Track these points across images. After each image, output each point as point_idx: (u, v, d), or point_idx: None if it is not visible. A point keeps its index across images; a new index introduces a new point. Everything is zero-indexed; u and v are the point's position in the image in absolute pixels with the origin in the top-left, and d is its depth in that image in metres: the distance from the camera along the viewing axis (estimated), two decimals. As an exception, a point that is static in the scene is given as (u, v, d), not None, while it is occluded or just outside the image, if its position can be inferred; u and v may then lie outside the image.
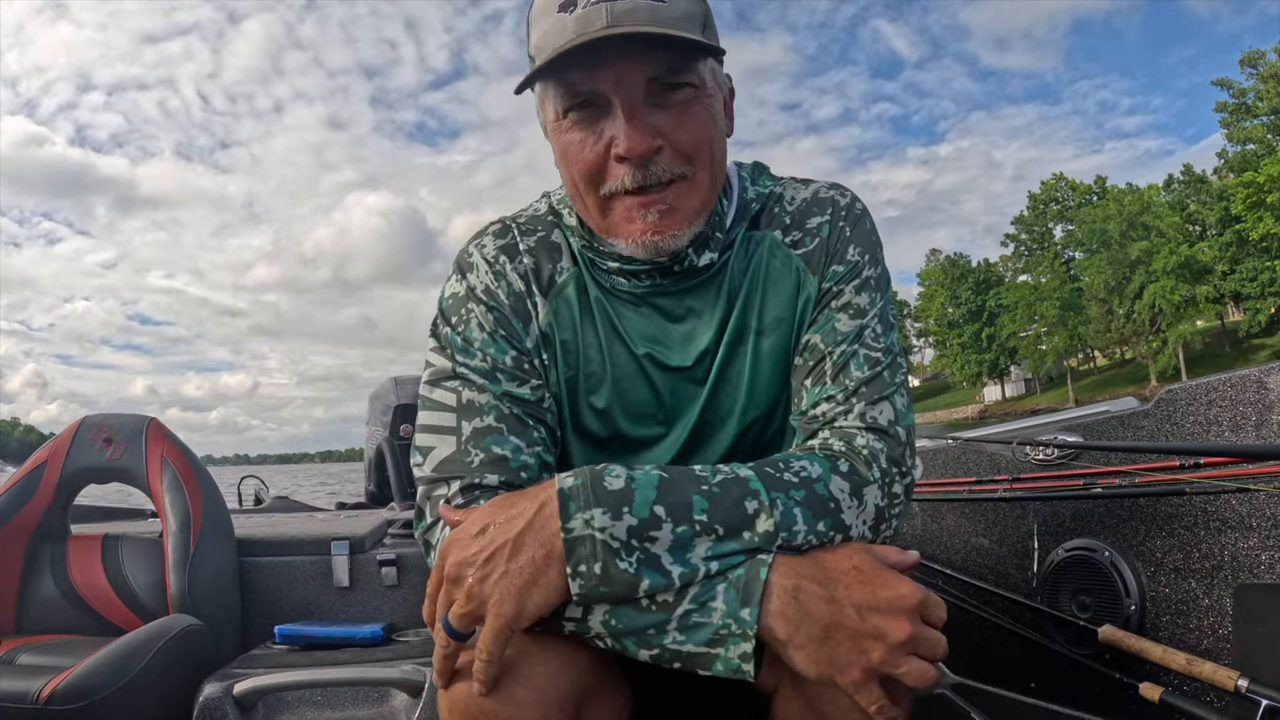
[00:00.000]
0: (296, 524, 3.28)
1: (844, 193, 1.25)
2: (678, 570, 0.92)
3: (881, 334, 1.15)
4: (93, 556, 2.57)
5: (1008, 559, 2.26)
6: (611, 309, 1.21)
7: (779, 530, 0.94)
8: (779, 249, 1.22)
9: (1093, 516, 2.00)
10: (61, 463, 2.61)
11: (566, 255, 1.23)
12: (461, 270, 1.23)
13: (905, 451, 1.09)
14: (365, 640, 2.41)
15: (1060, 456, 2.11)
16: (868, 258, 1.20)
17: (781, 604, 0.91)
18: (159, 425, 2.73)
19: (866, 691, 0.90)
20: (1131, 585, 1.85)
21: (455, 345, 1.16)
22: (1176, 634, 1.75)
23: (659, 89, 1.06)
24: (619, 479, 0.94)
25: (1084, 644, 1.87)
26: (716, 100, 1.13)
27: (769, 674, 1.01)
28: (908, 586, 0.92)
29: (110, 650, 2.01)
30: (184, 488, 2.60)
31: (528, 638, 0.98)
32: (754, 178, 1.28)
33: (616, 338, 1.21)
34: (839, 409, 1.09)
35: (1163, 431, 1.86)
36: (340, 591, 2.76)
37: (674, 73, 1.06)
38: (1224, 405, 1.72)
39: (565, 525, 0.91)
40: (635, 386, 1.21)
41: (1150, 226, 58.70)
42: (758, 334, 1.20)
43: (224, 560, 2.61)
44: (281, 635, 2.44)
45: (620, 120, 1.05)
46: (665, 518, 0.92)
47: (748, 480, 0.96)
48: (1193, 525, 1.75)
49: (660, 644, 0.93)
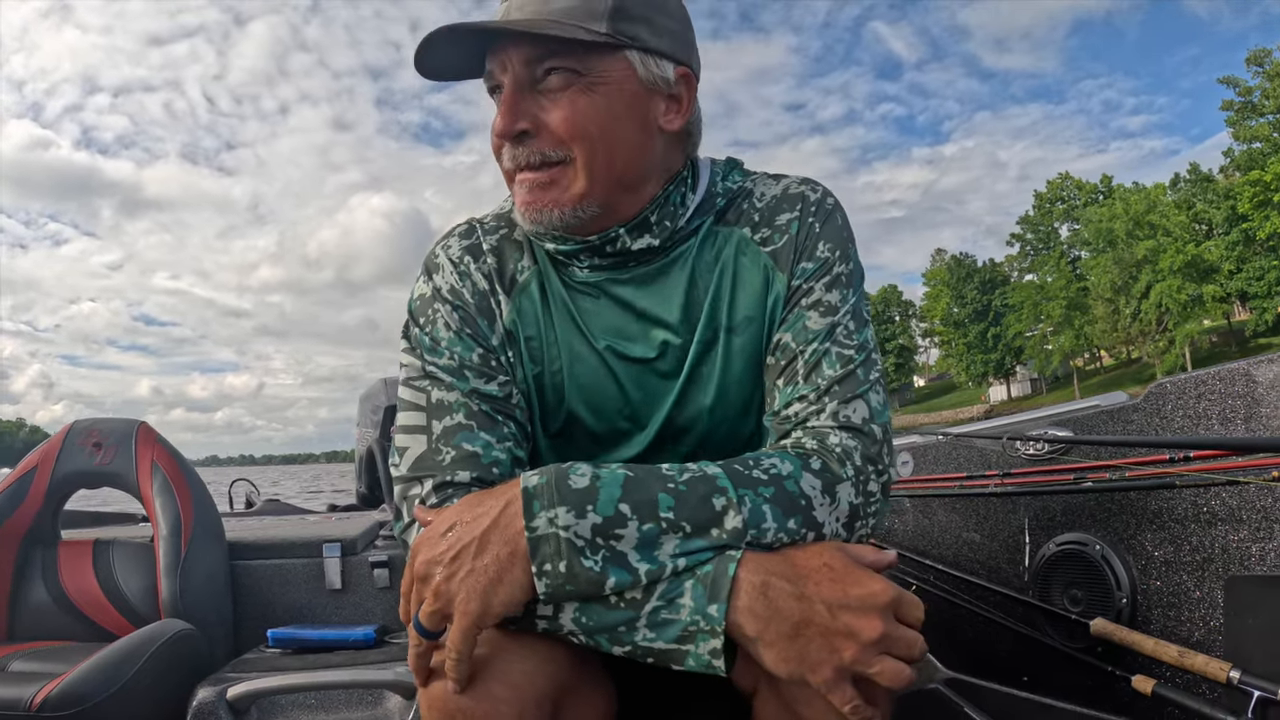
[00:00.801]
0: (288, 527, 3.28)
1: (815, 188, 1.25)
2: (644, 567, 0.92)
3: (854, 331, 1.15)
4: (84, 562, 2.56)
5: (999, 554, 2.27)
6: (573, 304, 1.22)
7: (748, 527, 0.94)
8: (748, 245, 1.22)
9: (1083, 510, 2.01)
10: (51, 468, 2.60)
11: (529, 253, 1.25)
12: (429, 271, 1.25)
13: (882, 449, 1.08)
14: (358, 642, 2.40)
15: (1051, 451, 2.11)
16: (838, 254, 1.20)
17: (750, 600, 0.91)
18: (149, 429, 2.72)
19: (839, 691, 0.90)
20: (1123, 578, 1.86)
21: (424, 345, 1.18)
22: (1168, 626, 1.76)
23: (540, 74, 1.11)
24: (584, 477, 0.94)
25: (1076, 637, 1.87)
26: (620, 90, 1.13)
27: (748, 673, 1.01)
28: (880, 584, 0.91)
29: (103, 656, 2.00)
30: (174, 491, 2.60)
31: (505, 635, 0.98)
32: (725, 173, 1.28)
33: (577, 331, 1.22)
34: (811, 408, 1.09)
35: (1152, 425, 1.87)
36: (332, 594, 2.75)
37: (550, 57, 1.10)
38: (1213, 399, 1.73)
39: (529, 524, 0.92)
40: (599, 381, 1.21)
41: (1156, 225, 58.50)
42: (729, 332, 1.20)
43: (216, 564, 2.60)
44: (274, 638, 2.44)
45: (502, 102, 1.13)
46: (631, 515, 0.92)
47: (715, 477, 0.96)
48: (1183, 518, 1.76)
49: (631, 640, 0.94)
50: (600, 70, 1.11)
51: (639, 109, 1.15)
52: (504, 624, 0.98)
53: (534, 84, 1.11)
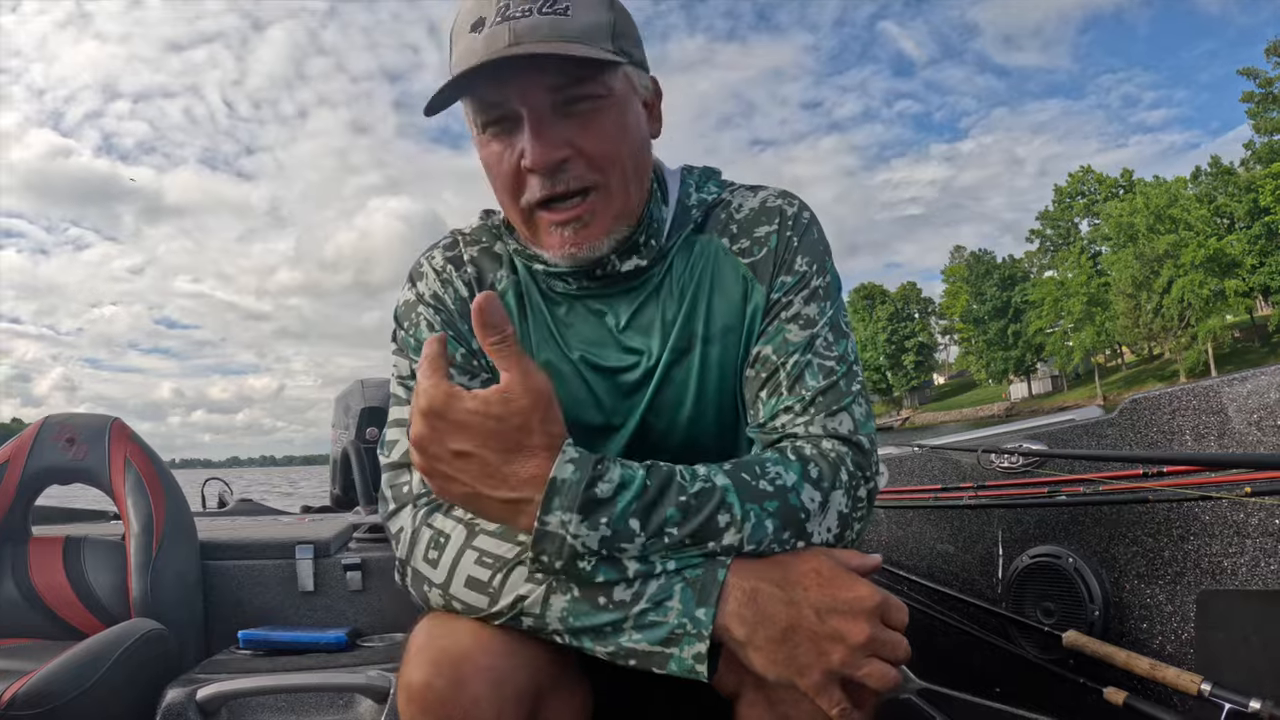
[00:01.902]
0: (260, 527, 3.25)
1: (791, 201, 1.26)
2: (634, 567, 0.94)
3: (834, 342, 1.17)
4: (54, 559, 2.53)
5: (973, 565, 2.29)
6: (549, 314, 1.25)
7: (745, 543, 0.96)
8: (726, 255, 1.24)
9: (1057, 524, 2.03)
10: (23, 462, 2.57)
11: (507, 264, 1.27)
12: (412, 279, 1.29)
13: (870, 457, 1.10)
14: (330, 645, 2.39)
15: (1025, 464, 2.13)
16: (815, 267, 1.21)
17: (738, 605, 0.92)
18: (122, 426, 2.69)
19: (827, 694, 0.91)
20: (1095, 591, 1.88)
21: (409, 346, 1.23)
22: (1140, 639, 1.78)
23: (564, 100, 1.08)
24: (610, 484, 0.93)
25: (1049, 649, 1.89)
26: (631, 106, 1.15)
27: (731, 677, 1.02)
28: (867, 589, 0.93)
29: (72, 654, 1.98)
30: (147, 489, 2.57)
31: (486, 630, 0.99)
32: (700, 184, 1.30)
33: (552, 341, 1.24)
34: (799, 419, 1.11)
35: (1127, 440, 1.89)
36: (304, 596, 2.73)
37: (578, 84, 1.08)
38: (1187, 414, 1.75)
39: (543, 516, 0.91)
40: (573, 391, 1.23)
41: (1178, 220, 58.00)
42: (705, 342, 1.21)
43: (187, 563, 2.58)
44: (245, 640, 2.42)
45: (528, 133, 1.08)
46: (639, 531, 0.93)
47: (724, 491, 0.97)
48: (1156, 532, 1.77)
49: (616, 641, 0.94)
50: (615, 89, 1.12)
51: (638, 123, 1.17)
52: (486, 619, 0.99)
53: (559, 110, 1.09)
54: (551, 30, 1.05)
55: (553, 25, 1.05)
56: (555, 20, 1.06)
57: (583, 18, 1.08)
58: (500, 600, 0.98)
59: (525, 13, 1.05)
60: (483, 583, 0.99)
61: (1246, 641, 1.49)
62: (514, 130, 1.10)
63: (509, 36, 1.05)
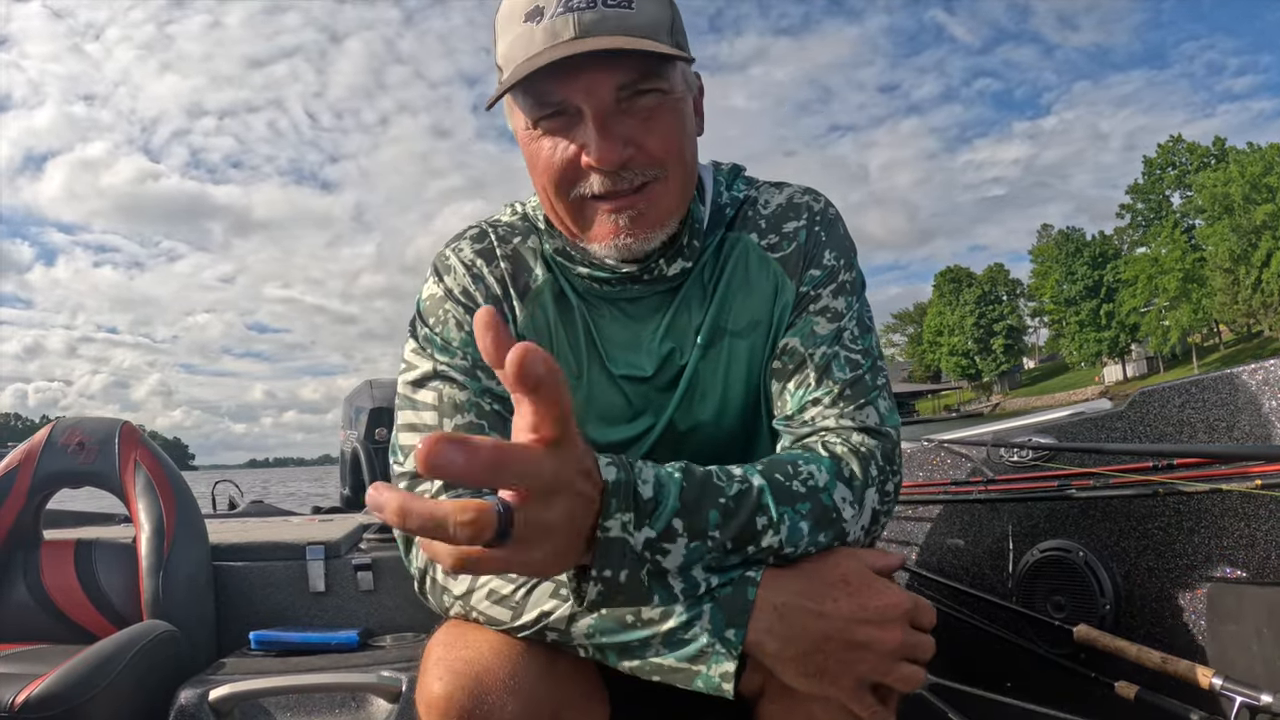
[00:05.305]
0: (271, 529, 3.26)
1: (817, 198, 1.26)
2: (679, 586, 0.90)
3: (859, 336, 1.16)
4: (66, 562, 2.54)
5: (983, 560, 2.28)
6: (586, 314, 1.22)
7: (783, 546, 0.94)
8: (756, 252, 1.23)
9: (1067, 518, 2.02)
10: (34, 467, 2.58)
11: (541, 262, 1.24)
12: (439, 273, 1.24)
13: (896, 450, 1.10)
14: (342, 645, 2.39)
15: (1035, 458, 2.13)
16: (843, 262, 1.21)
17: (769, 622, 0.91)
18: (132, 429, 2.70)
19: (860, 700, 0.91)
20: (1106, 585, 1.87)
21: (435, 345, 1.17)
22: (1151, 633, 1.77)
23: (628, 95, 1.06)
24: (649, 485, 0.87)
25: (1060, 644, 1.88)
26: (686, 103, 1.14)
27: (752, 680, 1.00)
28: (897, 595, 0.92)
29: (84, 657, 1.99)
30: (157, 492, 2.57)
31: (506, 641, 0.98)
32: (729, 182, 1.29)
33: (590, 344, 1.22)
34: (828, 411, 1.10)
35: (1136, 433, 1.88)
36: (316, 597, 2.73)
37: (643, 79, 1.06)
38: (1196, 407, 1.75)
39: (604, 522, 0.82)
40: (606, 394, 1.21)
41: (1275, 188, 55.44)
42: (732, 336, 1.21)
43: (198, 565, 2.58)
44: (257, 641, 2.42)
45: (591, 130, 1.05)
46: (681, 532, 0.89)
47: (760, 492, 0.95)
48: (1166, 525, 1.77)
49: (643, 657, 0.93)
50: (675, 87, 1.10)
51: (691, 119, 1.16)
52: (508, 631, 0.98)
53: (622, 105, 1.06)
54: (619, 24, 1.02)
55: (620, 19, 1.02)
56: (621, 14, 1.03)
57: (648, 12, 1.05)
58: (524, 615, 0.97)
59: (589, 4, 1.02)
60: (506, 596, 0.98)
61: (1259, 635, 1.48)
62: (570, 125, 1.07)
63: (575, 29, 1.01)
